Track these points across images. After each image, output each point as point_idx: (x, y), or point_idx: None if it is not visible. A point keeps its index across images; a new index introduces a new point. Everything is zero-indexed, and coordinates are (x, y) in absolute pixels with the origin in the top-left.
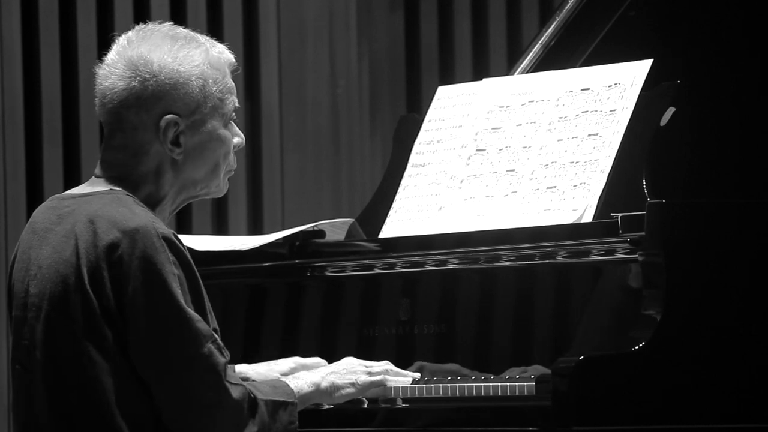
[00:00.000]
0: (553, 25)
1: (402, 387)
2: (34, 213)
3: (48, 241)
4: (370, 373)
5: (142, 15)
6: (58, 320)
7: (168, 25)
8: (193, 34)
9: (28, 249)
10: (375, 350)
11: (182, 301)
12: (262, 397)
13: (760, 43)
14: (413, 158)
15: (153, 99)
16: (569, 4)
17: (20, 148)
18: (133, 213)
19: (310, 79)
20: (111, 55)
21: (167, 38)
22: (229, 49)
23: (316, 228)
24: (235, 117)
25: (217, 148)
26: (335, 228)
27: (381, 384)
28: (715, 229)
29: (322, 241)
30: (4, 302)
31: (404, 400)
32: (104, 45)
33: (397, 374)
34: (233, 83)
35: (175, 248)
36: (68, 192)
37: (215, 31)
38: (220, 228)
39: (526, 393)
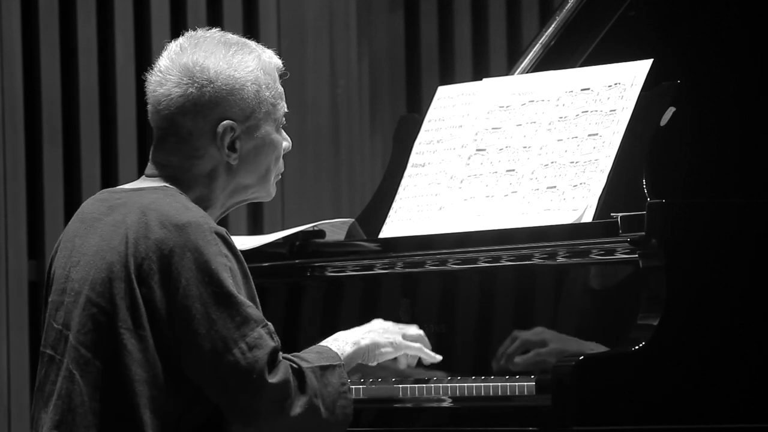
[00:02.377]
0: (553, 25)
1: (402, 387)
2: (82, 205)
3: (96, 230)
4: (404, 336)
5: (142, 15)
6: (98, 306)
7: (217, 32)
8: (243, 39)
9: (73, 237)
10: None
11: (233, 288)
12: (307, 365)
13: (760, 43)
14: (413, 158)
15: (210, 105)
16: (569, 4)
17: (20, 148)
18: (186, 208)
19: (310, 79)
20: (163, 62)
21: (220, 44)
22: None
23: (316, 228)
24: (285, 122)
25: (270, 153)
26: (335, 228)
27: (417, 353)
28: (715, 229)
29: (322, 241)
30: (5, 302)
31: (404, 400)
32: (104, 45)
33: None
34: (282, 88)
35: (227, 243)
36: (120, 186)
37: None
38: None
39: (526, 393)
